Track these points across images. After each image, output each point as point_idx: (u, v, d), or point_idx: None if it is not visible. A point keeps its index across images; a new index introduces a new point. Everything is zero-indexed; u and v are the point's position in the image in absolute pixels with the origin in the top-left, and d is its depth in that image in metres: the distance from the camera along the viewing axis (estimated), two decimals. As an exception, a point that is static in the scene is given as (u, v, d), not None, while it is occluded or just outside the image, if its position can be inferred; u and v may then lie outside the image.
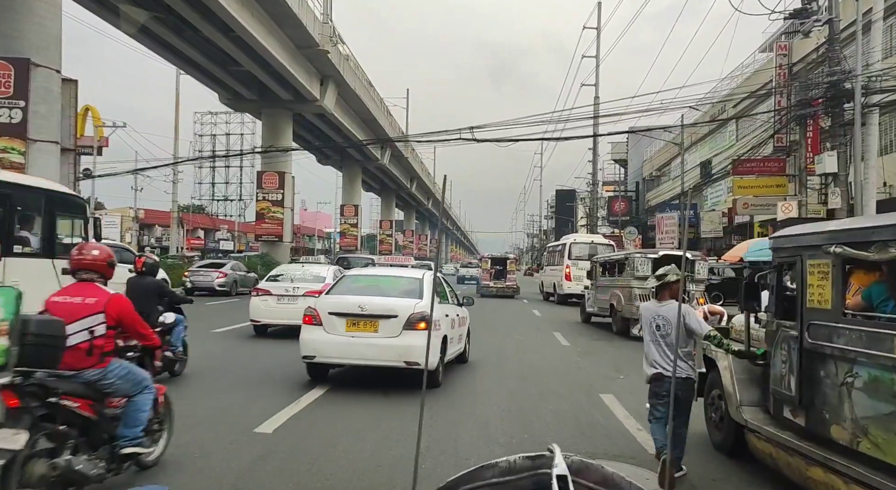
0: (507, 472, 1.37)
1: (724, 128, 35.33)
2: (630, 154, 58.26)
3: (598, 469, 1.35)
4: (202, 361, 8.43)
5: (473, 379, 8.28)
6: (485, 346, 11.10)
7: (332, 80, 37.76)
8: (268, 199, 37.89)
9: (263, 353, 9.81)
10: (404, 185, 72.20)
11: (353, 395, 7.27)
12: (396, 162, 62.97)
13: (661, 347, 4.82)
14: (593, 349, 11.21)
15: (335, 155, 56.82)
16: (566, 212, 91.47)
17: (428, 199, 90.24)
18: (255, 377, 7.93)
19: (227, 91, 37.30)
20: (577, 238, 25.63)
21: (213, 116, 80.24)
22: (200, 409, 6.08)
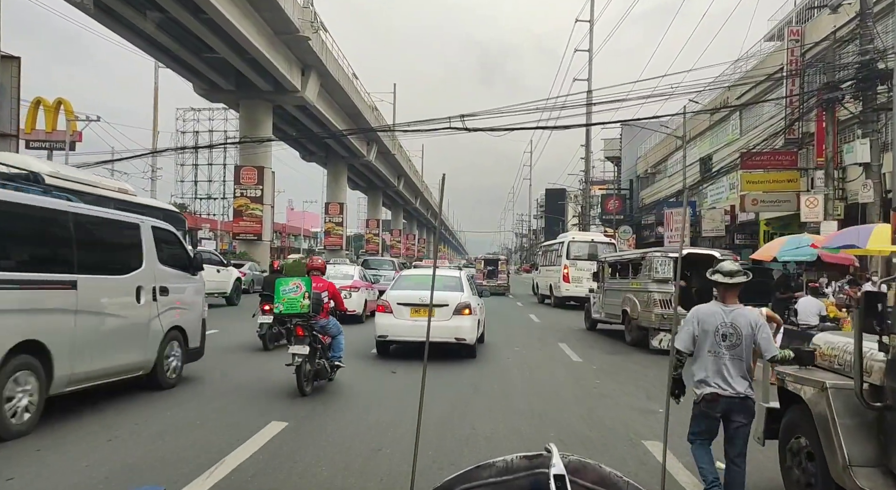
0: (504, 471, 1.33)
1: (726, 121, 33.69)
2: (624, 151, 56.60)
3: (595, 468, 1.32)
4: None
5: (473, 414, 6.40)
6: (485, 364, 9.26)
7: (313, 69, 35.76)
8: (246, 195, 35.84)
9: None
10: (391, 182, 70.20)
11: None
12: (383, 159, 60.99)
13: (725, 362, 3.99)
14: (611, 367, 9.38)
15: (319, 151, 54.74)
16: (556, 211, 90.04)
17: (416, 198, 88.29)
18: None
19: (201, 80, 35.19)
20: (576, 236, 23.82)
21: (196, 113, 77.95)
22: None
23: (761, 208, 24.96)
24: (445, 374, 8.32)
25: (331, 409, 6.58)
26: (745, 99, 30.78)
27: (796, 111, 24.15)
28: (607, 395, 7.46)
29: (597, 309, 14.65)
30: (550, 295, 24.43)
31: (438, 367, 8.39)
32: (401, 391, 7.52)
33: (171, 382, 7.33)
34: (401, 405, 6.64)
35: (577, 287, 22.49)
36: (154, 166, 48.96)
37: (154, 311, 7.14)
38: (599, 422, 6.15)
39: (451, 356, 9.43)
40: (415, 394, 3.44)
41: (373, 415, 6.26)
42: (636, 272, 12.33)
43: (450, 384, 7.63)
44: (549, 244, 27.05)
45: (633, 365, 9.49)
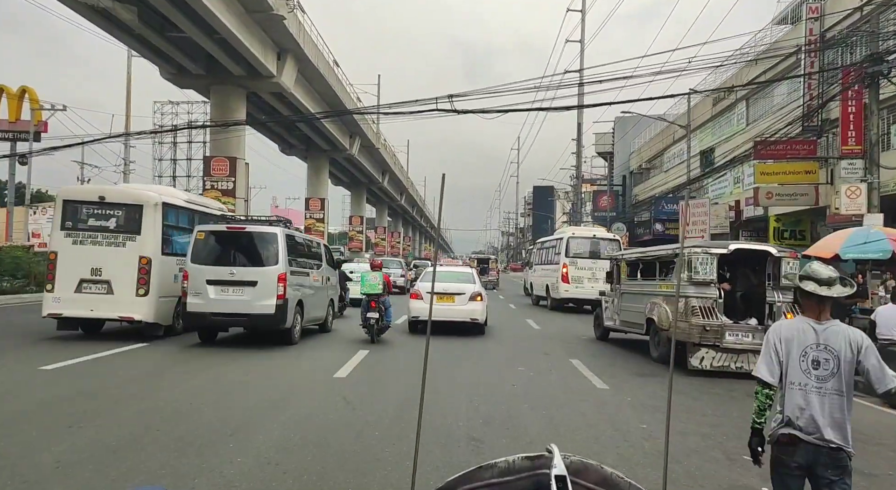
0: (506, 472, 1.32)
1: (730, 111, 31.69)
2: (616, 146, 54.59)
3: (597, 469, 1.31)
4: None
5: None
6: (488, 394, 7.01)
7: (290, 54, 33.28)
8: (217, 187, 33.27)
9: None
10: (376, 178, 67.74)
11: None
12: (367, 153, 58.54)
13: (815, 397, 2.94)
14: (650, 398, 7.06)
15: (299, 144, 52.22)
16: (545, 208, 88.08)
17: (401, 195, 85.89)
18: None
19: (169, 64, 32.57)
20: (577, 231, 21.62)
21: (174, 106, 75.07)
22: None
23: (777, 202, 22.92)
24: (448, 408, 6.10)
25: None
26: (753, 87, 28.81)
27: (815, 95, 22.20)
28: (658, 438, 5.21)
29: (609, 315, 12.46)
30: (547, 296, 22.23)
31: (444, 381, 6.21)
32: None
33: (330, 329, 13.57)
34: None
35: (578, 288, 20.34)
36: (127, 159, 46.46)
37: (328, 289, 13.68)
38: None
39: (455, 395, 7.10)
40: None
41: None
42: (666, 272, 10.13)
43: (447, 437, 5.33)
44: (546, 241, 24.84)
45: (677, 395, 7.29)
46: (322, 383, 7.52)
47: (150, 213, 11.21)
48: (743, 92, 29.51)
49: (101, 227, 11.13)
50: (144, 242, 11.08)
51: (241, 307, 10.56)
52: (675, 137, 40.79)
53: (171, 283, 11.48)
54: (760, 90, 25.84)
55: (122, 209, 11.27)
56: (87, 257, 10.92)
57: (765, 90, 28.17)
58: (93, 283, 10.87)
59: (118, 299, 10.83)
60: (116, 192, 12.17)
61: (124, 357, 9.29)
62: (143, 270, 10.98)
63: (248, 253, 11.09)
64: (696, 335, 8.68)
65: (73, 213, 11.22)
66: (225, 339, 11.62)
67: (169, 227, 11.74)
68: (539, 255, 24.66)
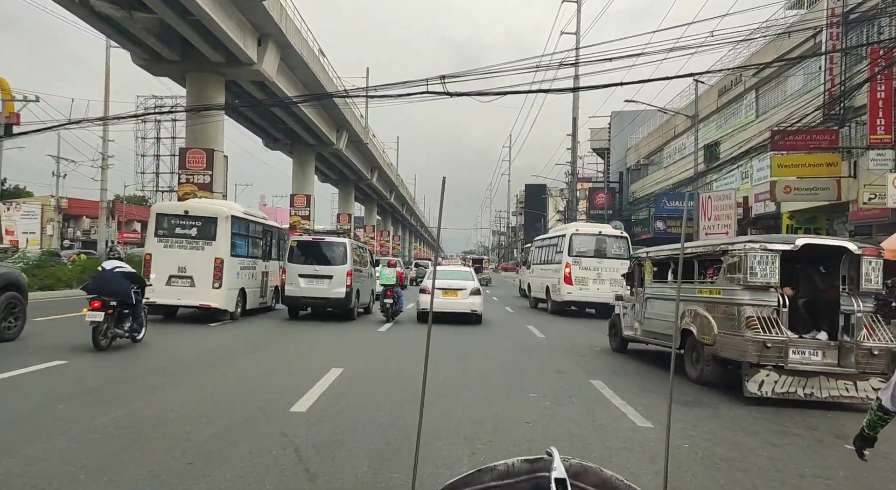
0: (505, 475, 1.29)
1: (738, 101, 29.99)
2: (613, 142, 52.89)
3: (597, 472, 1.27)
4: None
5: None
6: (496, 438, 5.16)
7: (271, 39, 31.29)
8: (193, 181, 31.24)
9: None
10: (364, 175, 65.73)
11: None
12: (355, 149, 56.55)
13: None
14: (710, 440, 5.29)
15: (284, 138, 50.15)
16: (538, 207, 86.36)
17: (390, 193, 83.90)
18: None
19: (141, 48, 30.49)
20: (580, 228, 19.78)
21: (159, 100, 72.79)
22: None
23: (796, 197, 21.20)
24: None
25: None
26: (763, 74, 27.13)
27: (838, 81, 20.50)
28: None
29: (629, 323, 10.63)
30: (547, 299, 20.41)
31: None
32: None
33: (371, 311, 17.84)
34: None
35: (582, 290, 18.54)
36: (105, 154, 44.42)
37: (371, 282, 18.10)
38: None
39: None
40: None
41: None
42: (708, 273, 8.31)
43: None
44: (545, 238, 23.00)
45: (751, 439, 5.43)
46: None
47: (222, 223, 14.34)
48: (752, 81, 27.85)
49: (185, 235, 14.14)
50: (218, 246, 14.17)
51: (322, 293, 15.45)
52: (676, 132, 39.15)
53: (234, 278, 14.68)
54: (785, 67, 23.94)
55: (202, 221, 14.28)
56: (174, 258, 13.82)
57: (777, 78, 26.51)
58: (179, 278, 13.78)
59: (199, 291, 13.80)
60: (197, 207, 15.11)
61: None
62: (217, 269, 14.00)
63: (326, 256, 15.82)
64: (754, 353, 6.85)
65: (163, 223, 14.19)
66: (303, 317, 16.21)
67: (234, 234, 14.80)
68: (538, 254, 22.83)
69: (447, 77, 17.12)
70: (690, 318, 8.21)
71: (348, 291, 15.35)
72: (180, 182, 31.77)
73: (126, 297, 9.47)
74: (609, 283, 18.56)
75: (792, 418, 6.31)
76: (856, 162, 20.46)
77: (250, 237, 16.13)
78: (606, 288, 18.58)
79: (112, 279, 9.54)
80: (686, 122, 36.82)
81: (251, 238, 16.20)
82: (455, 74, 17.16)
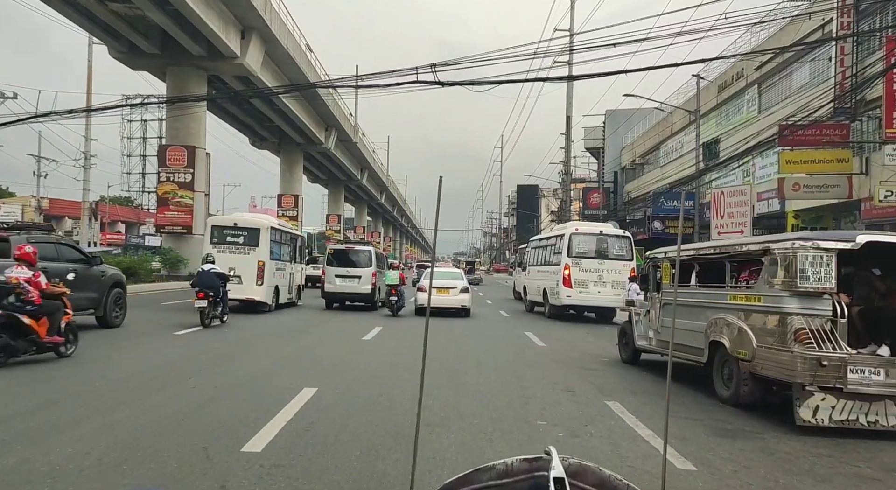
0: (503, 474, 1.29)
1: (739, 97, 28.98)
2: (607, 141, 51.88)
3: (595, 471, 1.27)
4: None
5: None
6: None
7: (256, 32, 30.06)
8: (173, 179, 29.93)
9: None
10: (354, 175, 64.46)
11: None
12: (344, 148, 55.30)
13: None
14: (768, 485, 4.24)
15: (271, 137, 48.84)
16: (530, 208, 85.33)
17: (381, 193, 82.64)
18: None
19: (119, 41, 29.17)
20: (580, 227, 18.64)
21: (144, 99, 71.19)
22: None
23: (805, 195, 20.16)
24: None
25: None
26: (766, 68, 26.13)
27: (848, 74, 19.50)
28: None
29: (642, 332, 9.50)
30: (544, 302, 19.27)
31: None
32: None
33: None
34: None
35: (582, 293, 17.42)
36: (87, 153, 43.09)
37: (379, 280, 20.24)
38: None
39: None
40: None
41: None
42: (742, 277, 7.17)
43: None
44: (542, 238, 21.86)
45: (798, 479, 4.35)
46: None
47: (263, 233, 17.51)
48: (755, 75, 26.85)
49: (234, 242, 17.29)
50: (261, 252, 17.30)
51: (353, 289, 19.52)
52: (673, 129, 38.18)
53: (272, 277, 17.68)
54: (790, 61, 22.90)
55: (247, 231, 17.46)
56: (225, 261, 16.15)
57: (781, 73, 25.52)
58: (232, 277, 15.95)
59: (245, 287, 16.80)
60: (244, 220, 18.69)
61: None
62: (260, 270, 17.08)
63: (356, 260, 19.82)
64: (807, 373, 5.72)
65: (216, 233, 17.38)
66: (335, 309, 19.95)
67: (272, 241, 17.94)
68: (534, 255, 21.69)
69: (438, 65, 15.99)
70: (720, 328, 7.08)
71: (373, 288, 19.60)
72: (160, 180, 30.46)
73: (217, 291, 13.40)
74: (611, 286, 17.46)
75: (860, 454, 5.18)
76: (867, 158, 19.47)
77: (282, 244, 19.33)
78: (608, 291, 17.48)
79: (209, 278, 13.41)
80: (683, 120, 35.84)
81: (282, 244, 19.41)
82: (446, 62, 16.03)
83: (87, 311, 11.81)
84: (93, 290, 11.83)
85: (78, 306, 10.70)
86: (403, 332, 13.71)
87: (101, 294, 12.08)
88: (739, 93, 28.86)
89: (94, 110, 20.26)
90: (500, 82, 15.89)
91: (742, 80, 28.26)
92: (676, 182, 32.81)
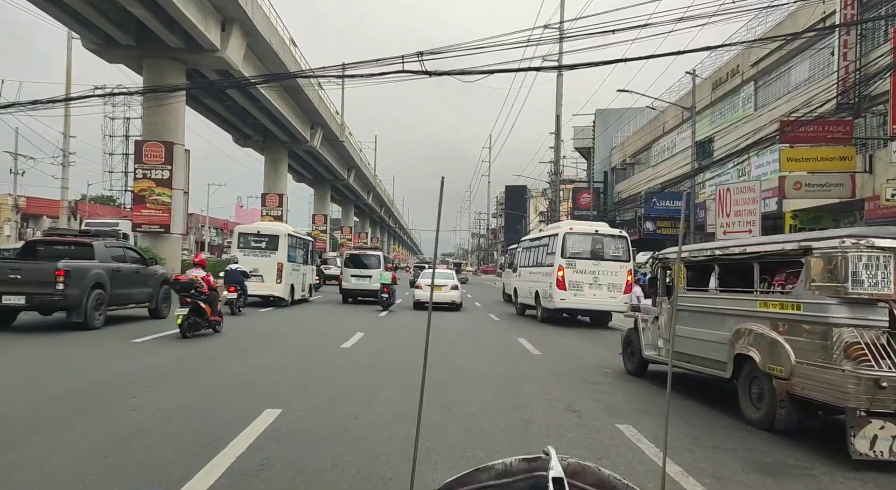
0: (502, 474, 1.29)
1: (734, 95, 28.23)
2: (597, 141, 51.11)
3: (594, 471, 1.28)
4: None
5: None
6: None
7: (237, 24, 28.94)
8: (150, 176, 28.71)
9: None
10: (341, 175, 63.29)
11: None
12: (331, 147, 54.16)
13: None
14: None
15: (255, 134, 47.59)
16: (518, 208, 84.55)
17: (368, 193, 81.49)
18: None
19: (93, 32, 27.90)
20: (575, 226, 17.71)
21: (128, 98, 69.62)
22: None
23: (806, 194, 19.36)
24: None
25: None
26: (764, 63, 25.39)
27: (852, 68, 18.75)
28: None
29: (650, 341, 8.57)
30: (536, 305, 18.33)
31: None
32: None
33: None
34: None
35: (576, 296, 16.50)
36: (66, 150, 41.74)
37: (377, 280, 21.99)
38: None
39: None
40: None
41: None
42: (776, 280, 6.25)
43: None
44: (534, 238, 20.92)
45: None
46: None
47: (282, 239, 20.45)
48: (751, 72, 26.10)
49: (258, 247, 20.24)
50: (280, 254, 20.13)
51: (365, 286, 23.22)
52: (665, 128, 37.44)
53: (288, 277, 20.43)
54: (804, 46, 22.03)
55: (269, 237, 20.42)
56: (250, 262, 18.68)
57: (778, 69, 24.77)
58: (253, 276, 17.96)
59: (266, 285, 19.46)
60: (266, 227, 21.61)
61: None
62: (279, 269, 19.82)
63: (367, 262, 24.05)
64: (863, 396, 4.78)
65: (241, 239, 20.47)
66: (350, 303, 23.52)
67: (289, 246, 20.77)
68: (525, 256, 20.74)
69: (425, 53, 15.02)
70: (748, 339, 6.15)
71: (380, 287, 21.36)
72: (136, 177, 29.23)
73: (242, 285, 16.69)
74: (607, 289, 16.56)
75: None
76: (871, 156, 18.72)
77: (297, 248, 22.12)
78: (604, 293, 16.58)
79: (236, 275, 16.89)
80: (676, 119, 35.10)
81: (297, 249, 22.23)
82: (434, 51, 15.08)
83: (143, 303, 14.15)
84: (148, 286, 14.18)
85: (138, 300, 13.81)
86: (386, 340, 12.71)
87: (154, 290, 14.35)
88: (735, 90, 28.11)
89: (61, 101, 19.07)
90: (490, 72, 14.96)
91: (738, 77, 27.51)
92: (668, 182, 32.01)
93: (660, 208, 33.34)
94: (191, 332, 11.29)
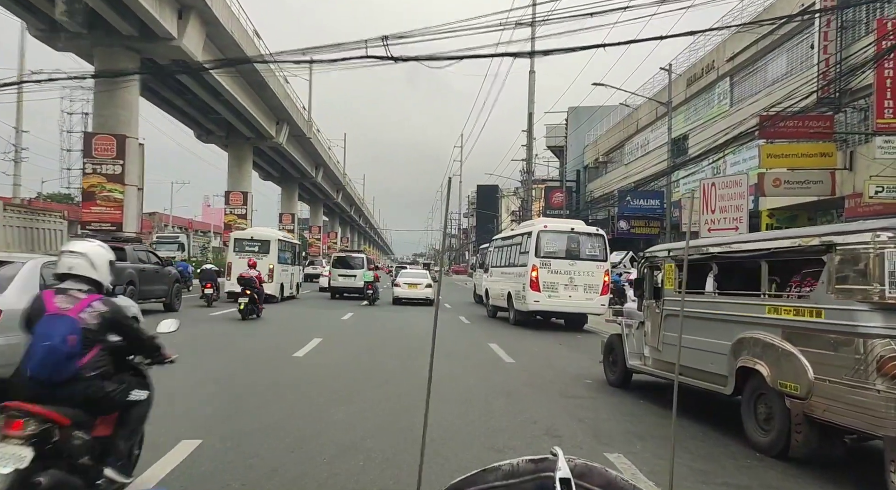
0: (509, 475, 1.27)
1: (709, 91, 27.76)
2: (570, 139, 50.54)
3: (601, 472, 1.24)
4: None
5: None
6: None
7: (194, 12, 27.52)
8: (100, 172, 27.15)
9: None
10: (309, 173, 61.79)
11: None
12: (298, 144, 52.72)
13: None
14: None
15: (218, 130, 45.94)
16: (490, 208, 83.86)
17: (337, 192, 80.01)
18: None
19: (39, 18, 26.29)
20: (549, 224, 16.83)
21: (87, 93, 67.13)
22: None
23: (786, 191, 18.81)
24: None
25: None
26: (740, 58, 24.91)
27: (833, 61, 18.24)
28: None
29: (636, 349, 7.69)
30: (509, 307, 17.44)
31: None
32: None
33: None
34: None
35: (551, 297, 15.64)
36: (18, 146, 39.72)
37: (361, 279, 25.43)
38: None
39: None
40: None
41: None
42: (793, 282, 5.40)
43: None
44: (506, 237, 20.03)
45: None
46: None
47: (273, 243, 23.21)
48: (727, 67, 25.62)
49: (252, 250, 22.30)
50: (272, 257, 22.69)
51: (350, 284, 26.42)
52: (639, 126, 36.95)
53: (279, 277, 22.82)
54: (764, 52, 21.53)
55: (261, 242, 23.06)
56: (244, 264, 18.83)
57: (754, 64, 24.31)
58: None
59: None
60: (258, 233, 24.30)
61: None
62: (271, 270, 22.01)
63: (353, 263, 27.52)
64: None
65: (236, 244, 23.11)
66: (336, 299, 26.21)
67: (279, 250, 23.45)
68: (497, 255, 19.84)
69: (390, 37, 14.01)
70: (754, 350, 5.28)
71: (364, 284, 24.33)
72: (85, 172, 27.60)
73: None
74: (583, 290, 15.73)
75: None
76: (853, 152, 18.24)
77: (285, 251, 24.68)
78: (580, 295, 15.76)
79: (210, 273, 19.97)
80: (650, 116, 34.61)
81: (286, 251, 24.74)
82: (399, 34, 14.08)
83: (160, 299, 16.64)
84: (164, 284, 16.78)
85: (157, 295, 16.43)
86: (344, 346, 11.66)
87: (168, 287, 16.97)
88: (710, 86, 27.63)
89: (8, 84, 17.67)
90: (460, 58, 13.92)
91: (713, 72, 27.03)
92: (642, 180, 31.45)
93: (633, 207, 32.82)
94: (247, 316, 15.46)
